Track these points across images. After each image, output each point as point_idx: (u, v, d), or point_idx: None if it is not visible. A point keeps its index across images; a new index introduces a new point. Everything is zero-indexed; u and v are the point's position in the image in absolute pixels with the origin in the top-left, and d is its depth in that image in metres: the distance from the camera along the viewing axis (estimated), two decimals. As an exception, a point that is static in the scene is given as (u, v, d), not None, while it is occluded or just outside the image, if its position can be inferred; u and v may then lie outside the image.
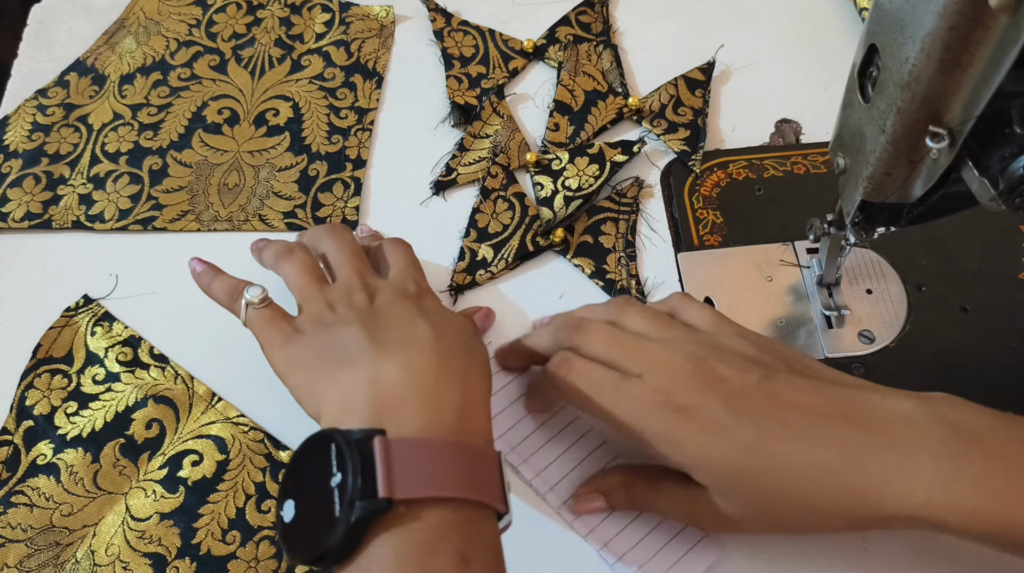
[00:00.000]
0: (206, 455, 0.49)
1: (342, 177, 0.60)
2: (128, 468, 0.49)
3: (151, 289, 0.56)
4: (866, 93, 0.38)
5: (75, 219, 0.58)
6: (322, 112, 0.63)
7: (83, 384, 0.52)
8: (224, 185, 0.60)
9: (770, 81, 0.64)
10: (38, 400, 0.51)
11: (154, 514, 0.47)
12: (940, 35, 0.31)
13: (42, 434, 0.50)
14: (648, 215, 0.58)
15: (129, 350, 0.53)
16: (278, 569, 0.46)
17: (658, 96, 0.63)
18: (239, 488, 0.48)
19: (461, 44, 0.66)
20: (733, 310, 0.54)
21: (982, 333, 0.52)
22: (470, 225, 0.57)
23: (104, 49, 0.67)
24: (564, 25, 0.67)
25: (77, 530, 0.47)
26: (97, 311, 0.54)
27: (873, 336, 0.52)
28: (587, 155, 0.59)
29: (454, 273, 0.55)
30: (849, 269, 0.55)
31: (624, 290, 0.54)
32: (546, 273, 0.56)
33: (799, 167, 0.59)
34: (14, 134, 0.62)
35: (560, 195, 0.57)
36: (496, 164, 0.59)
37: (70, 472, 0.49)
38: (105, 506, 0.48)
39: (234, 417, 0.51)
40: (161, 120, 0.63)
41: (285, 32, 0.68)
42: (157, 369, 0.52)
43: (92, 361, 0.53)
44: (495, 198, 0.58)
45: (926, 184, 0.38)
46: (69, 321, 0.54)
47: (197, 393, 0.51)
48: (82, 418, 0.51)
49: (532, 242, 0.56)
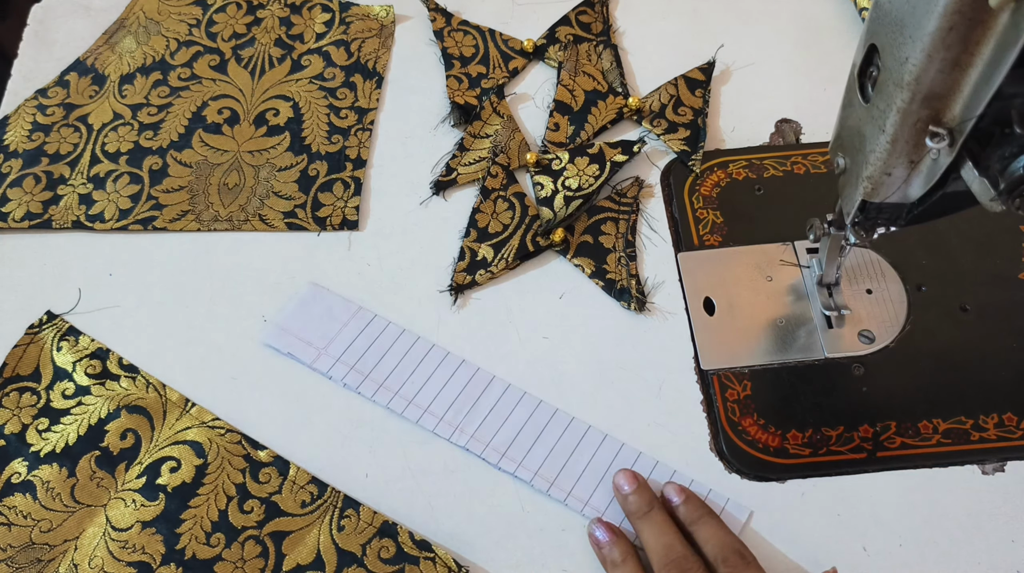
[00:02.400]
0: (184, 460, 0.49)
1: (342, 177, 0.60)
2: (106, 480, 0.49)
3: (118, 301, 0.56)
4: (866, 93, 0.38)
5: (75, 219, 0.58)
6: (322, 112, 0.63)
7: (53, 400, 0.51)
8: (224, 185, 0.60)
9: (770, 81, 0.64)
10: (7, 419, 0.51)
11: (136, 523, 0.47)
12: (940, 35, 0.31)
13: (15, 452, 0.50)
14: (648, 215, 0.58)
15: (97, 362, 0.53)
16: (264, 568, 0.46)
17: (658, 96, 0.63)
18: (220, 490, 0.48)
19: (461, 44, 0.66)
20: (733, 310, 0.54)
21: (982, 333, 0.52)
22: (470, 225, 0.57)
23: (104, 49, 0.67)
24: (564, 25, 0.67)
25: (58, 545, 0.47)
26: (61, 326, 0.54)
27: (873, 336, 0.52)
28: (587, 155, 0.59)
29: (454, 273, 0.55)
30: (849, 269, 0.54)
31: (624, 290, 0.54)
32: (546, 273, 0.56)
33: (799, 167, 0.59)
34: (14, 134, 0.62)
35: (560, 195, 0.57)
36: (496, 164, 0.59)
37: (46, 488, 0.48)
38: (85, 519, 0.48)
39: (210, 421, 0.51)
40: (161, 120, 0.63)
41: (285, 32, 0.68)
42: (128, 379, 0.52)
43: (60, 376, 0.52)
44: (495, 198, 0.58)
45: (926, 184, 0.38)
46: (34, 338, 0.53)
47: (170, 400, 0.51)
48: (54, 433, 0.50)
49: (532, 242, 0.56)
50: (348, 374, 0.52)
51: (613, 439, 0.50)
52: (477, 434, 0.50)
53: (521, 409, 0.51)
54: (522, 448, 0.49)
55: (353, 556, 0.46)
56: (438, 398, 0.51)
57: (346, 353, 0.52)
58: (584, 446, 0.49)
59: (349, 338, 0.53)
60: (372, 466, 0.49)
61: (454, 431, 0.50)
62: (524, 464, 0.49)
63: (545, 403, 0.51)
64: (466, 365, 0.52)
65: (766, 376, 0.51)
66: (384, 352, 0.53)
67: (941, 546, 0.46)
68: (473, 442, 0.50)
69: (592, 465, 0.49)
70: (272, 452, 0.49)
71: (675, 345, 0.53)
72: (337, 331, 0.53)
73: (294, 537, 0.47)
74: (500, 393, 0.51)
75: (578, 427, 0.50)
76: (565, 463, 0.49)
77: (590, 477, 0.49)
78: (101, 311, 0.55)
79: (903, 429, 0.49)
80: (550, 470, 0.49)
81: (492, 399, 0.51)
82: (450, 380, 0.52)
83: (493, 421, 0.50)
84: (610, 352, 0.53)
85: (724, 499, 0.48)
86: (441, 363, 0.52)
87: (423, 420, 0.50)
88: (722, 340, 0.53)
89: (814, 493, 0.48)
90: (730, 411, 0.50)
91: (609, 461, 0.49)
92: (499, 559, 0.47)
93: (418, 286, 0.56)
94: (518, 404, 0.51)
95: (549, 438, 0.50)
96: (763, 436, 0.49)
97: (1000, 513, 0.47)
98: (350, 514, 0.47)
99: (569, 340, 0.53)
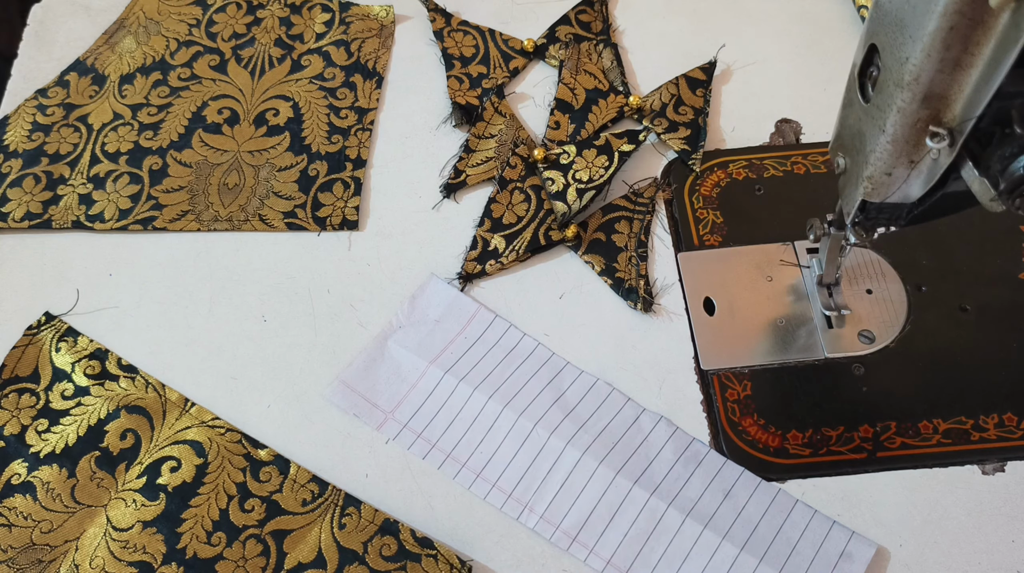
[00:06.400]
0: (184, 460, 0.49)
1: (342, 177, 0.60)
2: (106, 480, 0.49)
3: (118, 301, 0.55)
4: (866, 93, 0.38)
5: (75, 219, 0.58)
6: (322, 112, 0.63)
7: (52, 401, 0.51)
8: (224, 185, 0.60)
9: (770, 81, 0.64)
10: (7, 420, 0.51)
11: (136, 523, 0.47)
12: (940, 35, 0.31)
13: (14, 453, 0.50)
14: (659, 215, 0.58)
15: (96, 363, 0.53)
16: (266, 567, 0.46)
17: (659, 95, 0.63)
18: (220, 490, 0.48)
19: (461, 44, 0.66)
20: (733, 310, 0.54)
21: (982, 333, 0.52)
22: (485, 214, 0.57)
23: (104, 49, 0.67)
24: (564, 24, 0.67)
25: (59, 546, 0.47)
26: (60, 327, 0.54)
27: (873, 336, 0.52)
28: (594, 147, 0.59)
29: (465, 261, 0.56)
30: (849, 269, 0.55)
31: (632, 290, 0.54)
32: (555, 267, 0.56)
33: (799, 167, 0.59)
34: (14, 134, 0.62)
35: (572, 188, 0.57)
36: (516, 155, 0.59)
37: (46, 489, 0.48)
38: (85, 520, 0.48)
39: (209, 420, 0.51)
40: (161, 120, 0.63)
41: (285, 32, 0.68)
42: (127, 379, 0.52)
43: (59, 377, 0.52)
44: (512, 189, 0.58)
45: (926, 184, 0.38)
46: (32, 339, 0.53)
47: (169, 400, 0.51)
48: (54, 434, 0.50)
49: (544, 235, 0.56)
50: (415, 443, 0.50)
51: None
52: (546, 514, 0.47)
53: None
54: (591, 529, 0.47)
55: (355, 554, 0.46)
56: (506, 472, 0.49)
57: (413, 419, 0.50)
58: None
59: (417, 401, 0.51)
60: (372, 466, 0.49)
61: (523, 510, 0.48)
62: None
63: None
64: (536, 434, 0.49)
65: (766, 376, 0.51)
66: (453, 418, 0.50)
67: (941, 546, 0.46)
68: (542, 523, 0.47)
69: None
70: (272, 451, 0.49)
71: (675, 345, 0.53)
72: (405, 393, 0.51)
73: (295, 536, 0.47)
74: (571, 466, 0.49)
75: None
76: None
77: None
78: (100, 311, 0.55)
79: (903, 429, 0.49)
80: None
81: (563, 473, 0.48)
82: (520, 451, 0.49)
83: (563, 496, 0.48)
84: (610, 351, 0.53)
85: (848, 534, 0.46)
86: (511, 431, 0.50)
87: (491, 496, 0.48)
88: (722, 340, 0.53)
89: (814, 493, 0.48)
90: (730, 411, 0.50)
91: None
92: (500, 559, 0.47)
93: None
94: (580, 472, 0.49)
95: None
96: (763, 436, 0.49)
97: (1000, 513, 0.47)
98: (351, 512, 0.47)
99: (569, 339, 0.53)
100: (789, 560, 0.45)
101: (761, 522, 0.46)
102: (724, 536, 0.46)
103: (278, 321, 0.54)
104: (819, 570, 0.45)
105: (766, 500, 0.47)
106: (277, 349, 0.53)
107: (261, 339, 0.54)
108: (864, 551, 0.45)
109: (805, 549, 0.46)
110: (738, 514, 0.47)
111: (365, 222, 0.59)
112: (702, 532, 0.46)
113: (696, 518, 0.47)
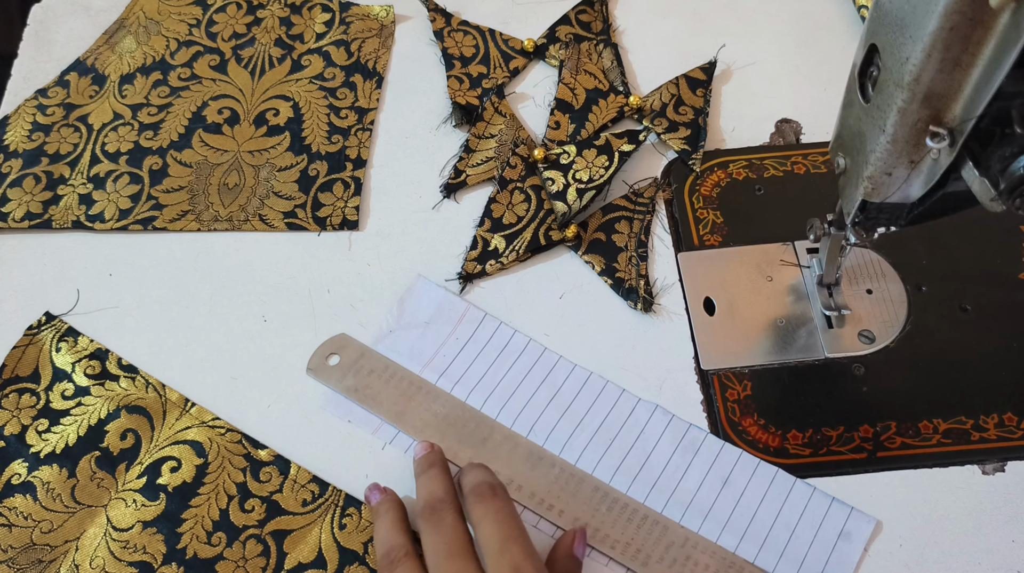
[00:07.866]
0: (184, 460, 0.49)
1: (342, 177, 0.60)
2: (106, 480, 0.49)
3: (118, 301, 0.55)
4: (866, 93, 0.38)
5: (75, 219, 0.58)
6: (322, 112, 0.63)
7: (52, 401, 0.51)
8: (224, 185, 0.60)
9: (770, 81, 0.64)
10: (7, 420, 0.51)
11: (136, 523, 0.47)
12: (940, 35, 0.31)
13: (15, 453, 0.50)
14: (660, 215, 0.58)
15: (97, 363, 0.53)
16: (266, 567, 0.46)
17: (659, 95, 0.63)
18: (220, 490, 0.48)
19: (461, 44, 0.66)
20: (733, 310, 0.54)
21: (982, 333, 0.52)
22: (485, 214, 0.57)
23: (104, 49, 0.67)
24: (564, 24, 0.67)
25: (59, 546, 0.47)
26: (60, 327, 0.54)
27: (873, 336, 0.52)
28: (594, 147, 0.59)
29: (465, 261, 0.56)
30: (849, 269, 0.55)
31: (632, 290, 0.54)
32: (555, 267, 0.56)
33: (799, 167, 0.59)
34: (14, 134, 0.62)
35: (572, 188, 0.57)
36: (516, 155, 0.59)
37: (47, 489, 0.48)
38: (86, 520, 0.48)
39: (210, 421, 0.51)
40: (161, 120, 0.63)
41: (285, 32, 0.68)
42: (127, 379, 0.52)
43: (60, 377, 0.52)
44: (512, 189, 0.58)
45: (926, 184, 0.38)
46: (32, 339, 0.53)
47: (170, 400, 0.51)
48: (54, 434, 0.50)
49: (544, 236, 0.56)
50: (413, 445, 0.49)
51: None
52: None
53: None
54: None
55: (355, 554, 0.46)
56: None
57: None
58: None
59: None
60: (372, 467, 0.49)
61: (522, 510, 0.47)
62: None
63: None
64: (533, 438, 0.49)
65: (766, 376, 0.51)
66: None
67: (941, 546, 0.46)
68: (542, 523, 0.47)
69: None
70: (273, 451, 0.49)
71: (675, 345, 0.53)
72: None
73: (295, 536, 0.47)
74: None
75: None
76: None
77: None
78: (100, 311, 0.55)
79: (903, 429, 0.49)
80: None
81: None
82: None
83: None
84: (610, 351, 0.53)
85: (847, 510, 0.47)
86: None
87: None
88: (722, 340, 0.53)
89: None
90: (730, 411, 0.50)
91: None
92: (499, 559, 0.47)
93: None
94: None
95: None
96: (763, 436, 0.49)
97: (1000, 513, 0.47)
98: (352, 513, 0.47)
99: (569, 340, 0.53)
100: (788, 545, 0.46)
101: (760, 508, 0.47)
102: (724, 527, 0.46)
103: (278, 321, 0.54)
104: (818, 553, 0.46)
105: (764, 483, 0.48)
106: (277, 349, 0.53)
107: (261, 339, 0.54)
108: (863, 528, 0.46)
109: (804, 532, 0.46)
110: (737, 502, 0.47)
111: (365, 222, 0.59)
112: (702, 525, 0.47)
113: (695, 512, 0.47)
